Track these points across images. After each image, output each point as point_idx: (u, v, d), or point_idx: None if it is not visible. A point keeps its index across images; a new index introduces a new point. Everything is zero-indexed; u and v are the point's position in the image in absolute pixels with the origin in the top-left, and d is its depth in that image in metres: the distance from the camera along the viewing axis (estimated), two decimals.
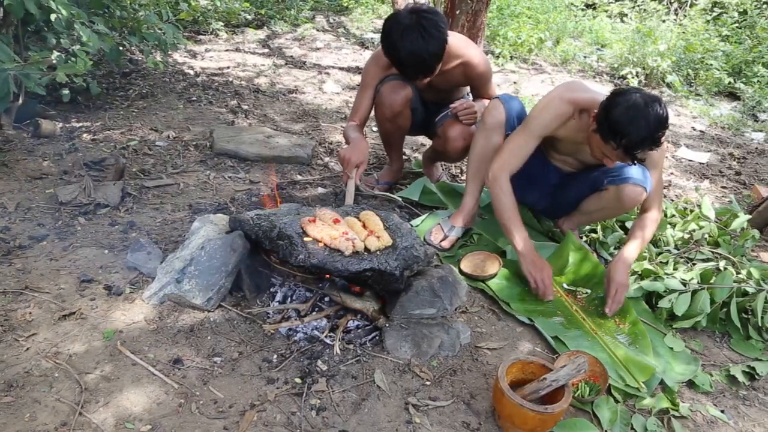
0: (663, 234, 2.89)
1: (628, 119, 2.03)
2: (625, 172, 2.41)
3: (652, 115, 2.01)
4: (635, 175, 2.39)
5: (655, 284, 2.45)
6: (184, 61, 5.55)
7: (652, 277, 2.54)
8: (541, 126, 2.38)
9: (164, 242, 2.44)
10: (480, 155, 2.63)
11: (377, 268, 1.91)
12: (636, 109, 2.02)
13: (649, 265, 2.60)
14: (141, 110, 4.09)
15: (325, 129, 4.29)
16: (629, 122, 2.02)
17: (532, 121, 2.40)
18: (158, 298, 2.06)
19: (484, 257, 2.54)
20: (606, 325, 2.25)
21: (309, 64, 6.27)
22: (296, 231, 2.04)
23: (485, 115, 2.60)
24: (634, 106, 2.03)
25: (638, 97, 2.04)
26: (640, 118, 2.01)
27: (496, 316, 2.28)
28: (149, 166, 3.22)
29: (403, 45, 2.42)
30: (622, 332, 2.23)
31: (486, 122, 2.59)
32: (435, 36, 2.41)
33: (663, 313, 2.38)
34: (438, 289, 2.08)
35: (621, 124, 2.04)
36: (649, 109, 2.01)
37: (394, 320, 2.02)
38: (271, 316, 2.08)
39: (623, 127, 2.04)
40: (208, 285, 2.05)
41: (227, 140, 3.57)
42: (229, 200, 2.91)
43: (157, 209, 2.75)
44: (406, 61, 2.47)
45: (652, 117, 2.01)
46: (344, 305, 2.08)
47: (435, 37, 2.41)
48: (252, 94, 4.91)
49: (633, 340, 2.19)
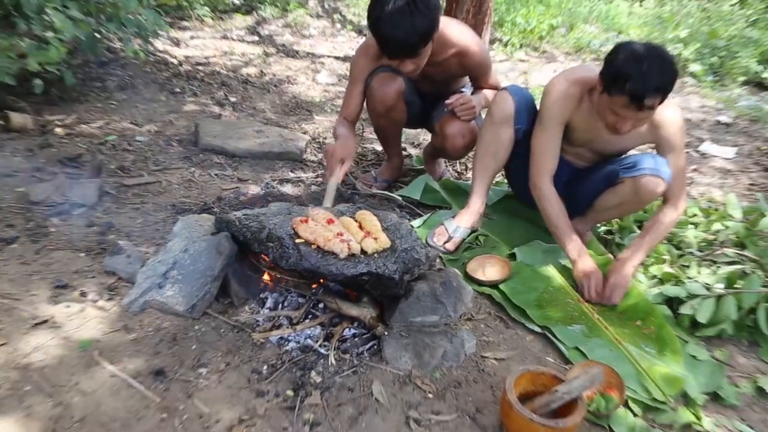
0: (685, 235, 2.89)
1: (632, 60, 2.10)
2: (641, 162, 2.42)
3: (656, 55, 2.08)
4: (652, 165, 2.40)
5: (677, 289, 2.45)
6: (167, 50, 5.57)
7: (673, 281, 2.55)
8: (556, 114, 2.42)
9: (145, 245, 2.45)
10: (487, 151, 2.64)
11: (375, 272, 1.92)
12: (638, 52, 2.10)
13: (669, 268, 2.61)
14: (120, 103, 4.11)
15: (319, 122, 4.31)
16: (633, 63, 2.10)
17: (546, 113, 2.42)
18: (138, 305, 2.06)
19: (491, 261, 2.55)
20: (630, 333, 2.25)
21: (302, 52, 6.29)
22: (287, 232, 2.04)
23: (492, 108, 2.61)
24: (636, 50, 2.12)
25: (640, 44, 2.13)
26: (643, 59, 2.08)
27: (504, 324, 2.29)
28: (129, 162, 3.23)
29: (389, 17, 2.38)
30: (647, 339, 2.23)
31: (493, 115, 2.60)
32: (424, 13, 2.38)
33: (685, 320, 2.37)
34: (441, 294, 2.09)
35: (624, 67, 2.11)
36: (652, 51, 2.09)
37: (394, 328, 2.02)
38: (261, 324, 2.08)
39: (626, 69, 2.10)
40: (192, 291, 2.05)
41: (213, 135, 3.58)
42: (215, 199, 2.92)
43: (138, 209, 2.76)
44: (387, 36, 2.43)
45: (655, 57, 2.08)
46: (340, 312, 2.09)
47: (423, 14, 2.38)
48: (240, 85, 4.92)
49: (660, 347, 2.19)
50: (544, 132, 2.47)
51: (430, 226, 2.84)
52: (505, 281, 2.47)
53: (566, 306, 2.38)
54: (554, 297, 2.42)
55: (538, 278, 2.50)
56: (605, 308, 2.39)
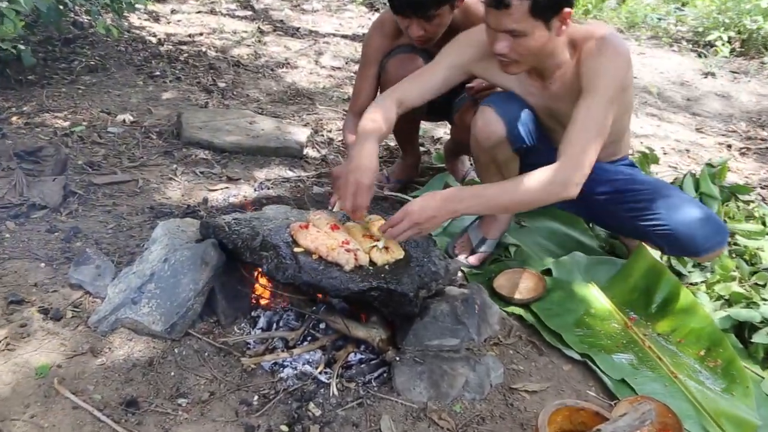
0: (759, 247, 2.87)
1: None
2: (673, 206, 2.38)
3: None
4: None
5: (749, 312, 2.44)
6: (144, 26, 5.62)
7: (744, 303, 2.53)
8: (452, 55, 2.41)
9: (117, 254, 2.48)
10: (489, 170, 2.59)
11: (385, 287, 1.93)
12: None
13: (739, 287, 2.60)
14: (89, 87, 4.16)
15: (322, 113, 4.33)
16: None
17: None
18: (108, 324, 2.08)
19: (522, 276, 2.56)
20: (690, 365, 2.25)
21: (303, 30, 6.32)
22: (284, 240, 2.07)
23: (476, 133, 2.51)
24: None
25: None
26: None
27: (537, 350, 2.30)
28: (99, 157, 3.27)
29: None
30: (712, 373, 2.23)
31: (480, 141, 2.50)
32: None
33: (759, 350, 2.36)
34: (462, 313, 2.10)
35: None
36: None
37: (407, 353, 2.03)
38: (252, 346, 2.11)
39: None
40: (172, 307, 2.07)
41: (199, 126, 3.61)
42: (200, 202, 2.95)
43: (109, 212, 2.79)
44: None
45: None
46: (344, 334, 2.10)
47: None
48: (231, 69, 4.96)
49: (727, 384, 2.19)
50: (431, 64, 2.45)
51: (452, 234, 2.86)
52: (538, 300, 2.48)
53: (611, 331, 2.39)
54: (597, 320, 2.43)
55: (578, 298, 2.51)
56: (659, 333, 2.39)
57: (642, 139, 4.50)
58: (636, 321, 2.45)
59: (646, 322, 2.46)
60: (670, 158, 4.23)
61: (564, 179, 2.10)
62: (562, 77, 2.28)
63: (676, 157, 4.29)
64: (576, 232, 2.98)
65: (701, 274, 2.74)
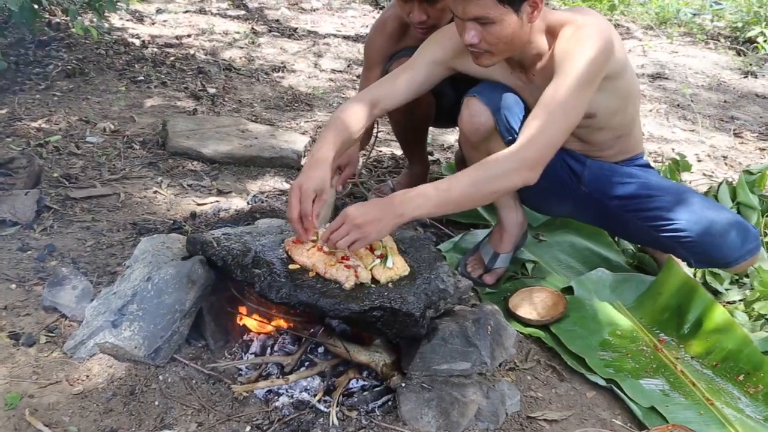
0: None
1: None
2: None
3: None
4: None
5: None
6: (127, 27, 5.67)
7: None
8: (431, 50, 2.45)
9: (96, 273, 2.50)
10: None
11: (389, 306, 1.95)
12: None
13: None
14: (65, 93, 4.20)
15: (321, 120, 4.36)
16: None
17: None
18: (86, 350, 2.10)
19: (541, 294, 2.58)
20: (728, 391, 2.25)
21: (301, 31, 6.38)
22: (278, 256, 2.09)
23: (463, 126, 2.54)
24: None
25: None
26: None
27: (558, 376, 2.31)
28: (77, 169, 3.30)
29: None
30: (753, 400, 2.23)
31: (467, 136, 2.54)
32: None
33: None
34: (473, 335, 2.10)
35: None
36: None
37: (413, 378, 2.04)
38: (244, 373, 2.12)
39: None
40: (156, 330, 2.08)
41: (186, 135, 3.65)
42: (187, 217, 2.98)
43: (88, 229, 2.81)
44: None
45: None
46: (344, 358, 2.12)
47: None
48: (221, 73, 5.00)
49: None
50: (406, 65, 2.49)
51: (463, 251, 2.88)
52: (558, 321, 2.49)
53: (639, 354, 2.40)
54: (623, 342, 2.44)
55: (602, 318, 2.52)
56: (692, 356, 2.40)
57: (673, 145, 4.52)
58: (667, 343, 2.46)
59: (678, 344, 2.47)
60: (704, 165, 4.25)
61: (518, 163, 2.11)
62: (543, 68, 2.31)
63: (711, 164, 4.30)
64: (600, 246, 2.99)
65: (739, 291, 2.75)
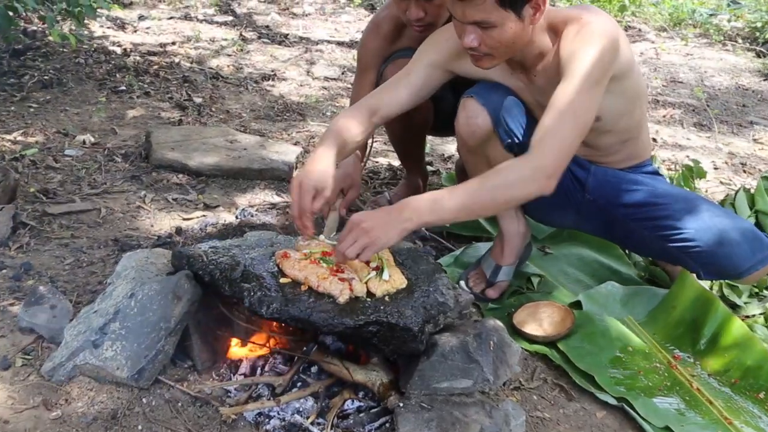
0: None
1: None
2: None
3: None
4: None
5: None
6: (108, 35, 5.70)
7: None
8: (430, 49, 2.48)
9: (76, 292, 2.52)
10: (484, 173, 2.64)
11: (385, 321, 1.96)
12: None
13: None
14: (42, 105, 4.23)
15: (314, 130, 4.38)
16: None
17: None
18: (65, 372, 2.10)
19: (547, 310, 2.60)
20: (747, 410, 2.26)
21: (292, 37, 6.41)
22: (269, 269, 2.12)
23: (460, 128, 2.56)
24: None
25: None
26: None
27: (566, 395, 2.33)
28: (55, 184, 3.33)
29: None
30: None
31: (464, 138, 2.57)
32: None
33: None
34: (474, 350, 2.12)
35: None
36: None
37: (412, 398, 2.05)
38: (233, 395, 2.13)
39: None
40: (139, 350, 2.09)
41: (171, 146, 3.68)
42: (173, 232, 3.01)
43: (67, 246, 2.83)
44: None
45: None
46: (339, 378, 2.14)
47: None
48: (208, 82, 5.04)
49: None
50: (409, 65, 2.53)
51: (464, 265, 2.91)
52: (566, 337, 2.50)
53: (652, 372, 2.41)
54: (635, 359, 2.45)
55: (613, 333, 2.53)
56: (709, 374, 2.41)
57: (688, 152, 4.55)
58: (682, 359, 2.48)
59: (694, 360, 2.49)
60: (722, 173, 4.28)
61: (534, 172, 2.13)
62: (545, 67, 2.34)
63: (729, 172, 4.33)
64: (610, 258, 3.01)
65: (759, 304, 2.76)
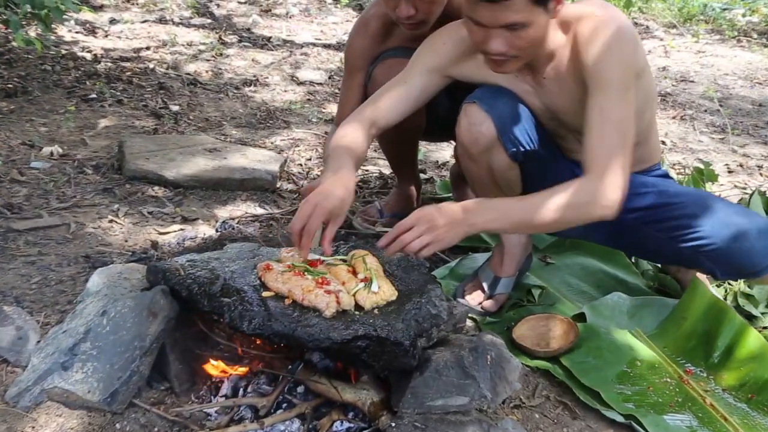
0: None
1: None
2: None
3: None
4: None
5: None
6: (77, 40, 5.72)
7: None
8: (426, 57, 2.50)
9: (44, 312, 2.51)
10: (484, 185, 2.67)
11: (375, 335, 1.96)
12: None
13: None
14: (6, 115, 4.23)
15: (300, 138, 4.39)
16: None
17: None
18: (32, 397, 2.10)
19: (549, 323, 2.61)
20: (765, 427, 2.27)
21: (276, 40, 6.43)
22: (250, 283, 2.13)
23: (461, 135, 2.57)
24: None
25: None
26: None
27: (570, 413, 2.33)
28: (20, 198, 3.33)
29: None
30: None
31: (466, 146, 2.57)
32: None
33: None
34: (470, 365, 2.11)
35: None
36: None
37: (404, 417, 2.04)
38: (213, 418, 2.13)
39: None
40: (112, 371, 2.09)
41: (146, 157, 3.68)
42: (148, 247, 3.01)
43: (33, 263, 2.83)
44: None
45: None
46: (327, 398, 2.14)
47: None
48: (185, 88, 5.05)
49: None
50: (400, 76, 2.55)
51: (461, 277, 2.92)
52: (569, 352, 2.51)
53: (662, 387, 2.42)
54: (644, 373, 2.46)
55: (619, 347, 2.54)
56: (724, 388, 2.42)
57: (700, 155, 4.58)
58: (694, 374, 2.49)
59: (707, 374, 2.50)
60: (736, 177, 4.30)
61: (595, 196, 2.18)
62: (557, 68, 2.35)
63: (743, 175, 4.35)
64: (615, 268, 3.02)
65: None
